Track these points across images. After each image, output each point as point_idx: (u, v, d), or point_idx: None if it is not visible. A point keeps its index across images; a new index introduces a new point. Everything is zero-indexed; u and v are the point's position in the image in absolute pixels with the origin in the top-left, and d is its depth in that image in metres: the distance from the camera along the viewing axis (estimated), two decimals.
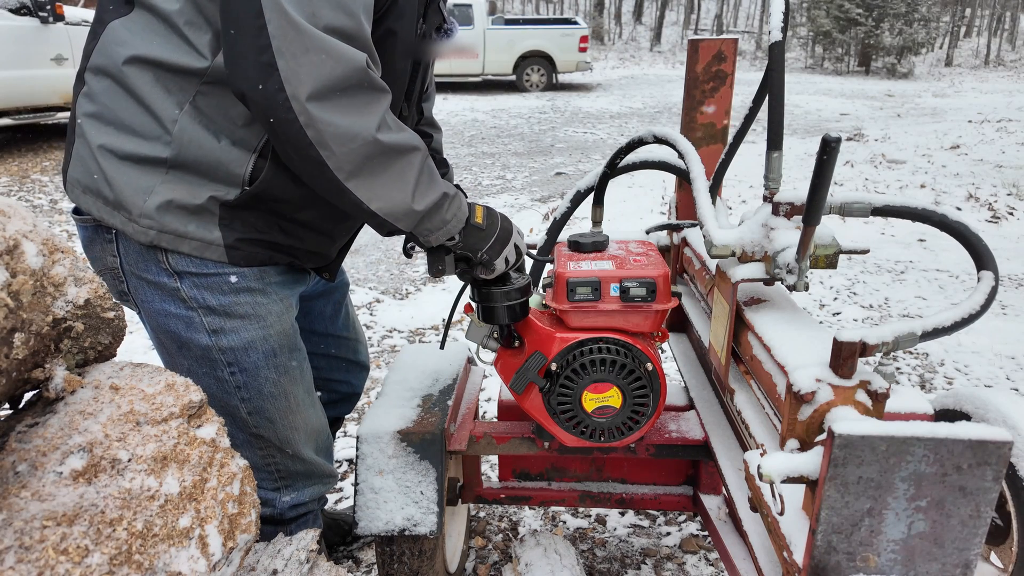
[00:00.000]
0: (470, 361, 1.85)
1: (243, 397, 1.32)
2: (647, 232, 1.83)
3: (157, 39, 1.13)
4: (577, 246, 1.43)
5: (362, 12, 1.06)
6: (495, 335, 1.44)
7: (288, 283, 1.35)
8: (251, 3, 0.99)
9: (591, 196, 1.68)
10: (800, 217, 1.17)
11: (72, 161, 1.22)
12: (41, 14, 6.54)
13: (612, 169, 1.61)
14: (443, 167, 1.64)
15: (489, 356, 1.53)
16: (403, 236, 1.28)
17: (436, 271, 1.35)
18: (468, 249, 1.29)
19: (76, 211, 1.27)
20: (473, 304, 1.41)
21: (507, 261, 1.34)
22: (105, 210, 1.19)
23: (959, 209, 5.48)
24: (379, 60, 1.13)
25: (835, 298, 3.94)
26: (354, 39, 1.05)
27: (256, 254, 1.25)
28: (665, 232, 1.93)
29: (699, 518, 2.12)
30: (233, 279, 1.25)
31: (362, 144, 1.06)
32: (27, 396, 0.94)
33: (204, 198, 1.18)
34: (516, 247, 1.36)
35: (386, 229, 1.20)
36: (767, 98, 1.23)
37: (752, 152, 6.53)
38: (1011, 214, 5.46)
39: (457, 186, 1.54)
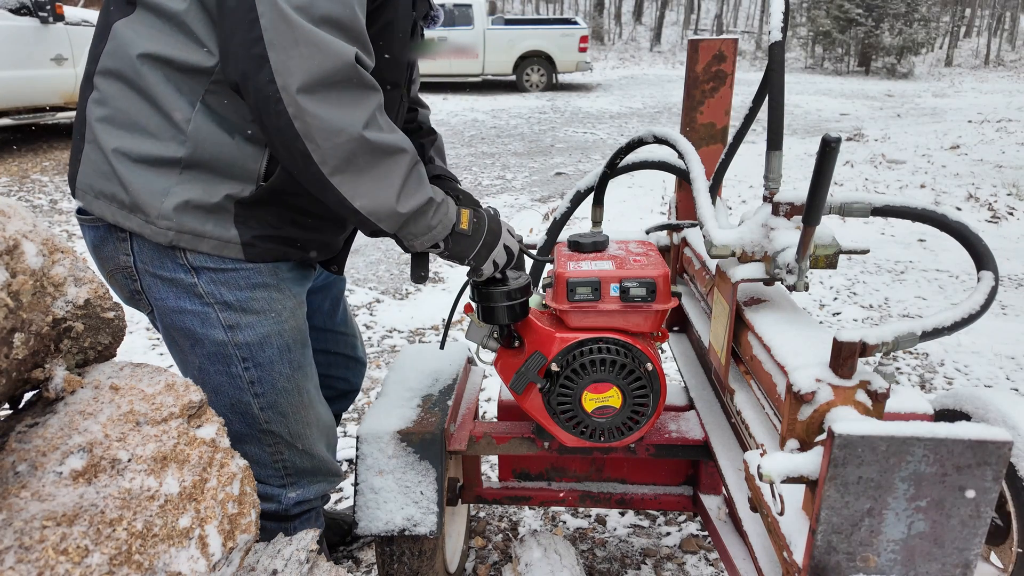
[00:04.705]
0: (470, 361, 1.85)
1: (257, 392, 1.32)
2: (647, 232, 1.83)
3: (164, 38, 1.14)
4: (577, 246, 1.43)
5: (356, 2, 1.07)
6: (495, 335, 1.44)
7: (299, 279, 1.36)
8: None
9: (591, 196, 1.68)
10: (800, 217, 1.17)
11: (82, 166, 1.22)
12: (41, 14, 6.54)
13: (612, 169, 1.61)
14: (431, 134, 1.66)
15: (489, 356, 1.53)
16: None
17: (419, 276, 1.36)
18: (454, 256, 1.30)
19: (81, 211, 1.26)
20: (473, 304, 1.41)
21: (495, 264, 1.34)
22: (120, 214, 1.19)
23: (959, 209, 5.48)
24: (373, 52, 1.14)
25: (835, 298, 3.94)
26: (348, 30, 1.06)
27: (271, 250, 1.26)
28: (665, 232, 1.93)
29: (699, 518, 2.12)
30: (248, 275, 1.26)
31: (347, 140, 1.07)
32: (27, 396, 0.94)
33: (220, 196, 1.19)
34: (506, 248, 1.35)
35: (369, 228, 1.20)
36: (767, 98, 1.23)
37: (752, 152, 6.53)
38: (1011, 214, 5.46)
39: (447, 181, 1.54)
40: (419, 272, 1.36)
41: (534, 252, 1.62)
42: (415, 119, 1.64)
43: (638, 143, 1.54)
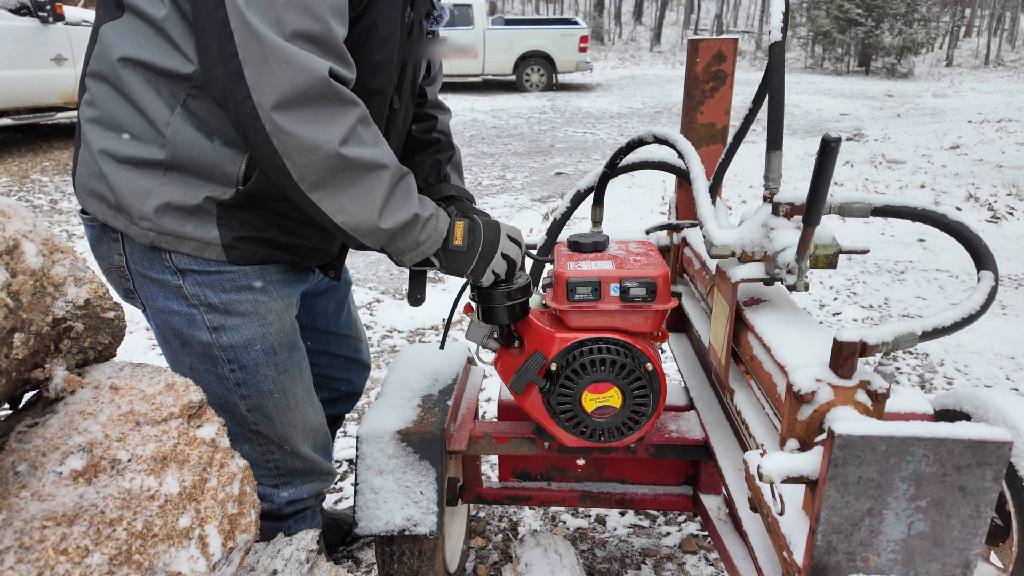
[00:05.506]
0: (470, 361, 1.85)
1: (243, 394, 1.33)
2: (647, 232, 1.83)
3: (146, 43, 1.14)
4: (577, 246, 1.43)
5: (329, 13, 1.05)
6: (495, 335, 1.44)
7: (290, 281, 1.35)
8: (217, 13, 1.00)
9: (591, 196, 1.68)
10: (800, 217, 1.17)
11: (78, 165, 1.25)
12: (41, 14, 6.55)
13: (612, 169, 1.61)
14: (449, 150, 1.61)
15: (489, 356, 1.53)
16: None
17: (415, 299, 1.35)
18: (451, 272, 1.29)
19: (84, 211, 1.29)
20: (473, 304, 1.41)
21: (495, 274, 1.33)
22: (109, 213, 1.21)
23: (959, 209, 5.48)
24: (352, 61, 1.12)
25: (835, 298, 3.94)
26: (321, 43, 1.05)
27: (255, 253, 1.26)
28: (665, 232, 1.92)
29: (699, 518, 2.12)
30: (234, 277, 1.25)
31: (323, 157, 1.06)
32: (27, 396, 0.94)
33: (200, 198, 1.19)
34: (505, 256, 1.33)
35: (354, 243, 1.19)
36: (767, 98, 1.23)
37: (752, 152, 6.53)
38: (1011, 214, 5.45)
39: (460, 201, 1.50)
40: (415, 295, 1.36)
41: (534, 252, 1.62)
42: (434, 127, 1.58)
43: (638, 143, 1.53)
